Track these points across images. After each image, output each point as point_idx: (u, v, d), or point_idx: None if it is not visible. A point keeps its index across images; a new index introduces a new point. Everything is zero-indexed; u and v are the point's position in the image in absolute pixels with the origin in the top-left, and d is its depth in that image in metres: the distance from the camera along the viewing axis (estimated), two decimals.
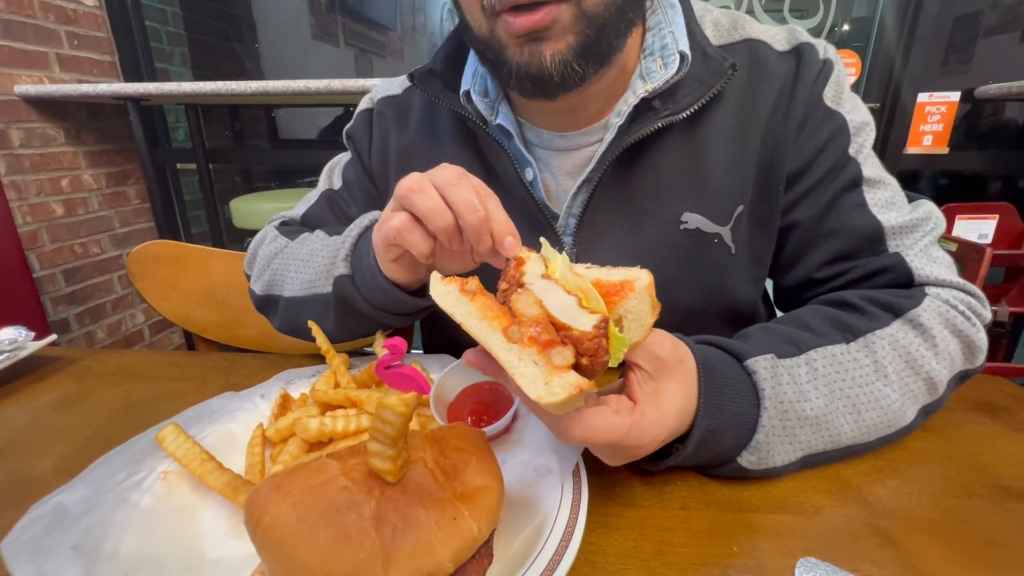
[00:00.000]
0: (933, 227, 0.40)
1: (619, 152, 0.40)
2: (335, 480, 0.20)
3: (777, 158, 0.41)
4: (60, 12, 1.60)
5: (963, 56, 3.76)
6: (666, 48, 0.39)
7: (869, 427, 0.33)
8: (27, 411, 0.41)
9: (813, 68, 0.40)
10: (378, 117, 0.51)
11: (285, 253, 0.46)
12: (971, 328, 0.36)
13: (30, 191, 1.55)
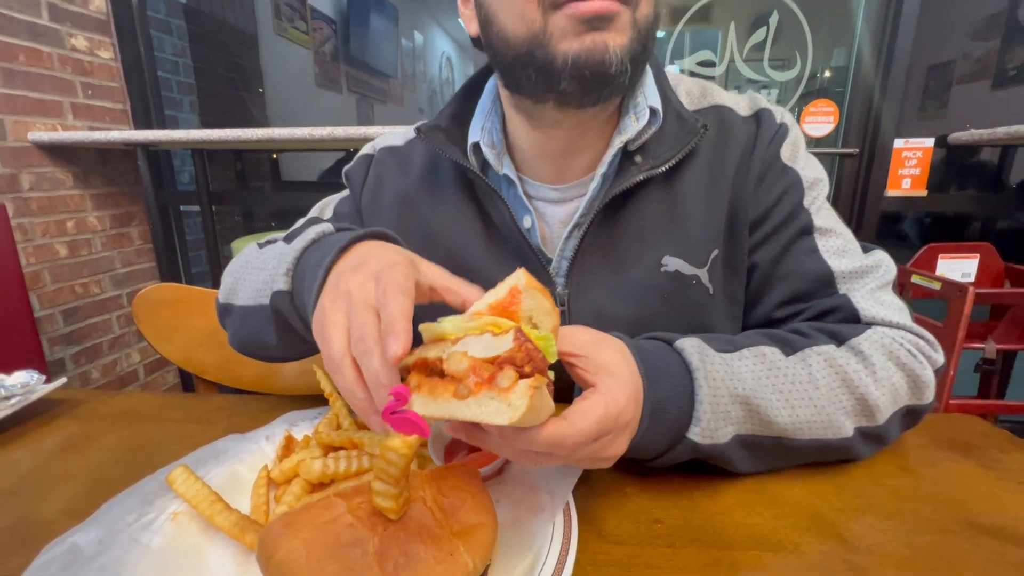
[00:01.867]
0: (883, 273, 0.44)
1: (606, 201, 0.44)
2: (342, 518, 0.22)
3: (741, 207, 0.46)
4: (77, 64, 1.69)
5: (939, 102, 3.93)
6: (638, 106, 0.45)
7: (802, 422, 0.37)
8: (35, 453, 0.42)
9: (771, 130, 0.46)
10: (377, 163, 0.55)
11: (250, 260, 0.47)
12: (916, 363, 0.39)
13: (36, 233, 1.58)
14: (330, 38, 3.29)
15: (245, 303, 0.43)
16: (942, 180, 2.64)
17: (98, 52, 1.75)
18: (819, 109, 1.73)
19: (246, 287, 0.44)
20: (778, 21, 1.72)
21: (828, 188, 0.47)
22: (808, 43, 1.73)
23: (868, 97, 1.68)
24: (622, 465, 0.39)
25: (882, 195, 1.70)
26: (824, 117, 1.73)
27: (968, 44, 3.42)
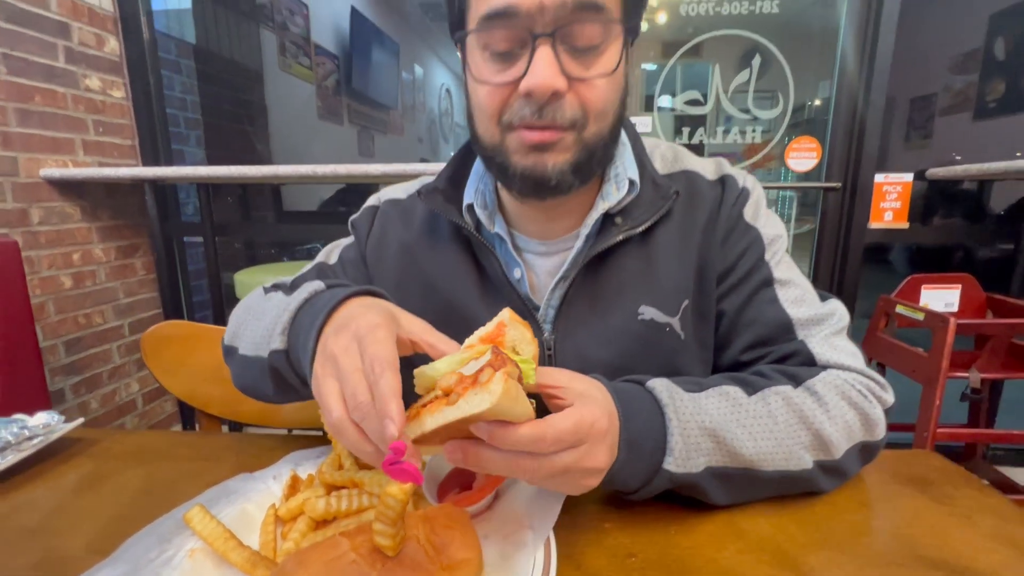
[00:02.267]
0: (837, 321, 0.49)
1: (589, 258, 0.49)
2: (346, 555, 0.25)
3: (709, 262, 0.51)
4: (90, 103, 1.75)
5: (924, 132, 4.05)
6: (619, 176, 0.50)
7: (765, 454, 0.40)
8: (55, 492, 0.45)
9: (734, 193, 0.52)
10: (381, 214, 0.60)
11: (254, 308, 0.50)
12: (866, 403, 0.44)
13: (43, 265, 1.62)
14: (332, 72, 3.40)
15: (246, 352, 0.47)
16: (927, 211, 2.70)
17: (110, 91, 1.83)
18: (802, 145, 1.81)
19: (247, 336, 0.47)
20: (760, 63, 1.81)
21: (787, 242, 0.53)
22: (790, 83, 1.81)
23: (848, 134, 1.76)
24: (601, 501, 0.42)
25: (865, 227, 1.76)
26: (807, 153, 1.80)
27: (949, 77, 3.54)
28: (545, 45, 0.40)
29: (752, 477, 0.41)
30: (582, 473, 0.33)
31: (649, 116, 1.88)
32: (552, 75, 0.40)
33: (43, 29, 1.59)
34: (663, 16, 1.88)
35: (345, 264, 0.59)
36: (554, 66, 0.41)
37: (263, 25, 2.71)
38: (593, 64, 0.42)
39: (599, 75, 0.42)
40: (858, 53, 1.70)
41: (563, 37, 0.41)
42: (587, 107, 0.43)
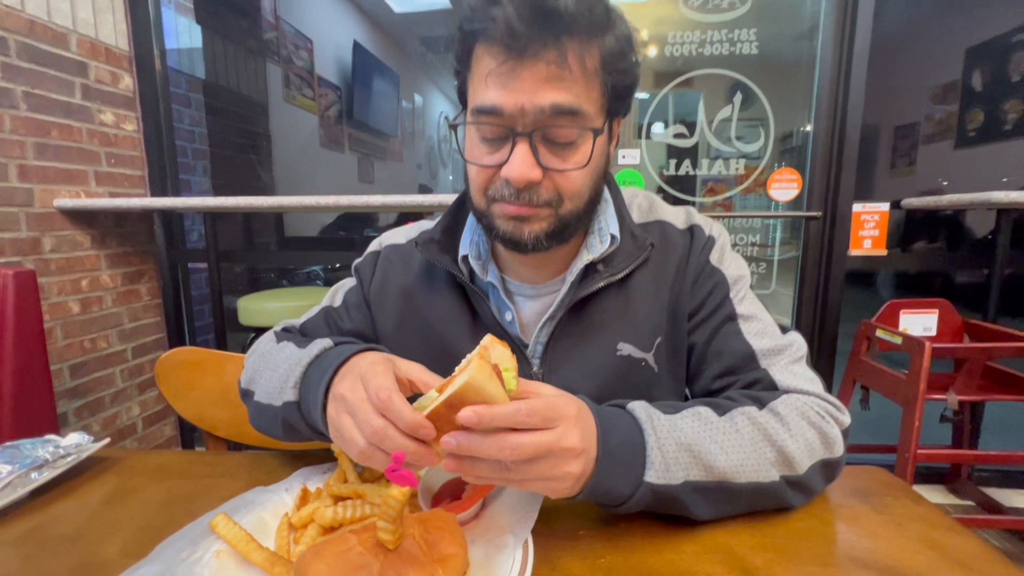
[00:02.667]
0: (796, 351, 0.54)
1: (574, 301, 0.55)
2: (354, 548, 0.30)
3: (680, 303, 0.57)
4: (103, 136, 1.84)
5: (908, 160, 4.18)
6: (602, 230, 0.57)
7: (736, 466, 0.44)
8: (87, 505, 0.50)
9: (701, 242, 0.59)
10: (383, 260, 0.65)
11: (267, 355, 0.55)
12: (823, 423, 0.48)
13: (52, 292, 1.68)
14: (335, 103, 3.52)
15: (260, 400, 0.52)
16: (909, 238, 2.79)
17: (123, 125, 1.91)
18: (783, 177, 1.90)
19: (262, 384, 0.53)
20: (742, 99, 1.91)
21: (750, 280, 0.59)
22: (770, 118, 1.91)
23: (827, 165, 1.85)
24: (577, 513, 0.47)
25: (846, 254, 1.83)
26: (789, 184, 1.89)
27: (931, 107, 3.68)
28: (524, 142, 0.47)
29: (727, 490, 0.44)
30: (560, 456, 0.37)
31: (637, 149, 1.98)
32: (527, 168, 0.47)
33: (62, 68, 1.68)
34: (650, 51, 1.99)
35: (349, 307, 0.65)
36: (529, 160, 0.47)
37: (269, 60, 2.83)
38: (568, 158, 0.48)
39: (572, 168, 0.49)
40: (833, 89, 1.80)
41: (541, 135, 0.47)
42: (561, 192, 0.50)
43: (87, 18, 1.76)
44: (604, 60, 0.48)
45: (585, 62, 0.46)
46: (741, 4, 1.86)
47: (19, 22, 1.54)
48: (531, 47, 0.44)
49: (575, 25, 0.45)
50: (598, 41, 0.47)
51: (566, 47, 0.45)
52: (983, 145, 3.21)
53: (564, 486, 0.39)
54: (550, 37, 0.44)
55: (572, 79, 0.46)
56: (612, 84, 0.49)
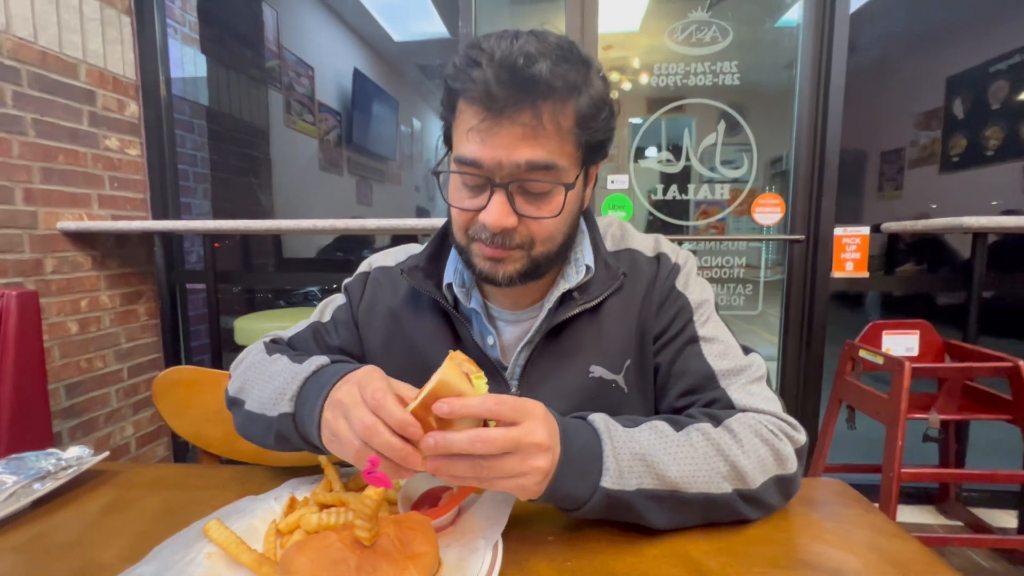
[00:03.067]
0: (755, 371, 0.57)
1: (551, 327, 0.59)
2: (334, 544, 0.34)
3: (648, 327, 0.61)
4: (108, 161, 1.90)
5: (895, 184, 4.28)
6: (579, 261, 0.61)
7: (688, 476, 0.47)
8: (87, 514, 0.53)
9: (667, 269, 0.62)
10: (372, 281, 0.68)
11: (259, 366, 0.58)
12: (777, 440, 0.51)
13: (52, 312, 1.71)
14: (335, 128, 3.61)
15: (251, 409, 0.55)
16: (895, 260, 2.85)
17: (127, 150, 1.97)
18: (767, 202, 1.96)
19: (254, 394, 0.55)
20: (725, 128, 1.99)
21: (713, 303, 0.63)
22: (753, 145, 1.99)
23: (808, 190, 1.91)
24: (546, 520, 0.51)
25: (829, 276, 1.88)
26: (772, 208, 1.96)
27: (915, 133, 3.79)
28: (500, 192, 0.50)
29: (679, 499, 0.47)
30: (527, 451, 0.40)
31: (626, 175, 2.04)
32: (502, 217, 0.50)
33: (71, 96, 1.75)
34: (628, 85, 2.07)
35: (337, 324, 0.68)
36: (505, 208, 0.50)
37: (271, 87, 2.92)
38: (542, 207, 0.52)
39: (546, 217, 0.52)
40: (812, 119, 1.88)
41: (517, 186, 0.51)
42: (534, 237, 0.53)
43: (97, 49, 1.83)
44: (578, 119, 0.51)
45: (559, 122, 0.50)
46: (723, 39, 1.95)
47: (32, 53, 1.61)
48: (508, 109, 0.48)
49: (550, 89, 0.48)
50: (573, 102, 0.50)
51: (541, 109, 0.48)
52: (966, 170, 3.31)
53: (532, 482, 0.41)
54: (526, 100, 0.47)
55: (547, 137, 0.49)
56: (586, 140, 0.53)
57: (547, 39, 0.50)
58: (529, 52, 0.47)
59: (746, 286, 2.07)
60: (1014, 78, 2.55)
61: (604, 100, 0.53)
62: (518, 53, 0.47)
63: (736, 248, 2.05)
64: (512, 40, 0.48)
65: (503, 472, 0.40)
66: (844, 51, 1.80)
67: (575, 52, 0.51)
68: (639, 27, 2.07)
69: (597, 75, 0.53)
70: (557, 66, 0.48)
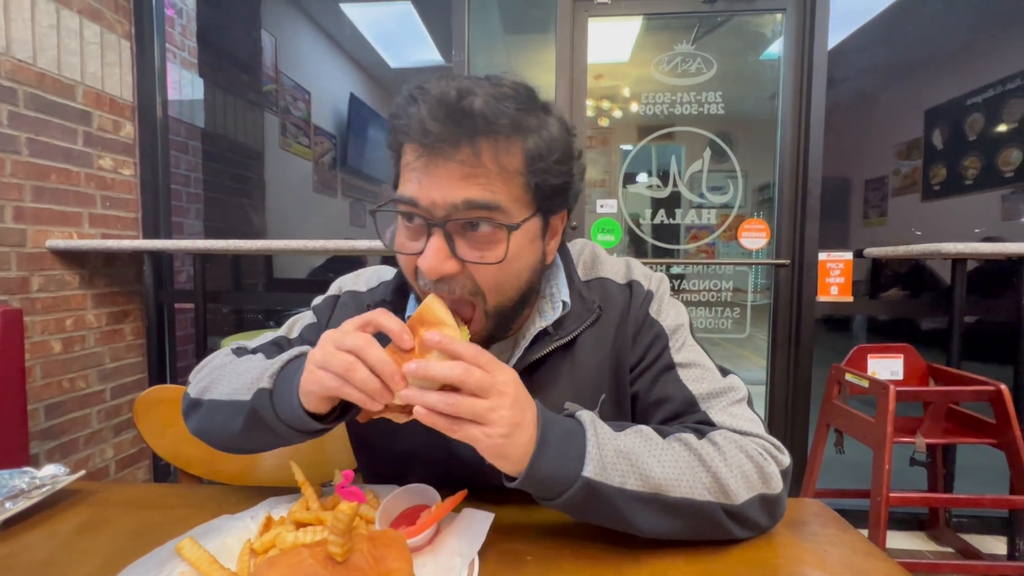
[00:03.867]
0: (734, 393, 0.57)
1: (525, 365, 0.58)
2: (305, 560, 0.34)
3: (623, 358, 0.60)
4: (100, 180, 1.90)
5: (880, 211, 4.38)
6: (554, 296, 0.59)
7: (671, 479, 0.46)
8: (60, 533, 0.52)
9: (640, 297, 0.61)
10: (341, 306, 0.67)
11: (227, 367, 0.57)
12: (760, 458, 0.51)
13: (36, 330, 1.69)
14: (330, 150, 3.66)
15: (217, 398, 0.54)
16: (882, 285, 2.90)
17: (121, 170, 1.99)
18: (752, 227, 2.00)
19: (223, 386, 0.54)
20: (711, 155, 2.04)
21: (688, 326, 0.62)
22: (738, 172, 2.04)
23: (792, 216, 1.95)
24: (526, 540, 0.50)
25: (814, 300, 1.91)
26: (758, 233, 1.99)
27: (897, 162, 3.89)
28: (438, 233, 0.47)
29: (663, 502, 0.46)
30: (497, 397, 0.42)
31: (615, 199, 2.08)
32: (438, 262, 0.47)
33: (67, 117, 1.77)
34: (619, 112, 2.13)
35: (305, 342, 0.65)
36: (442, 253, 0.47)
37: (268, 110, 2.97)
38: (485, 251, 0.49)
39: (490, 262, 0.48)
40: (794, 147, 1.94)
41: (459, 227, 0.48)
42: (480, 286, 0.50)
43: (95, 71, 1.86)
44: (527, 160, 0.48)
45: (502, 161, 0.47)
46: (707, 70, 2.02)
47: (29, 75, 1.63)
48: (444, 145, 0.46)
49: (489, 124, 0.46)
50: (519, 142, 0.48)
51: (480, 146, 0.46)
52: (946, 198, 3.40)
53: (498, 432, 0.42)
54: (463, 136, 0.46)
55: (487, 176, 0.47)
56: (537, 183, 0.49)
57: (499, 81, 0.48)
58: (466, 88, 0.46)
59: (734, 309, 2.09)
60: (989, 111, 2.66)
61: (558, 143, 0.50)
62: (455, 89, 0.46)
63: (724, 272, 2.08)
64: (455, 80, 0.47)
65: (471, 411, 0.42)
66: (823, 85, 1.87)
67: (528, 94, 0.49)
68: (628, 58, 2.15)
69: (556, 120, 0.51)
70: (499, 103, 0.46)
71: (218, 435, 0.56)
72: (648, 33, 2.09)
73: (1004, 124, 2.59)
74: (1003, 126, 2.60)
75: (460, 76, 0.48)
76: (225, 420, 0.53)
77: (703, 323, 2.09)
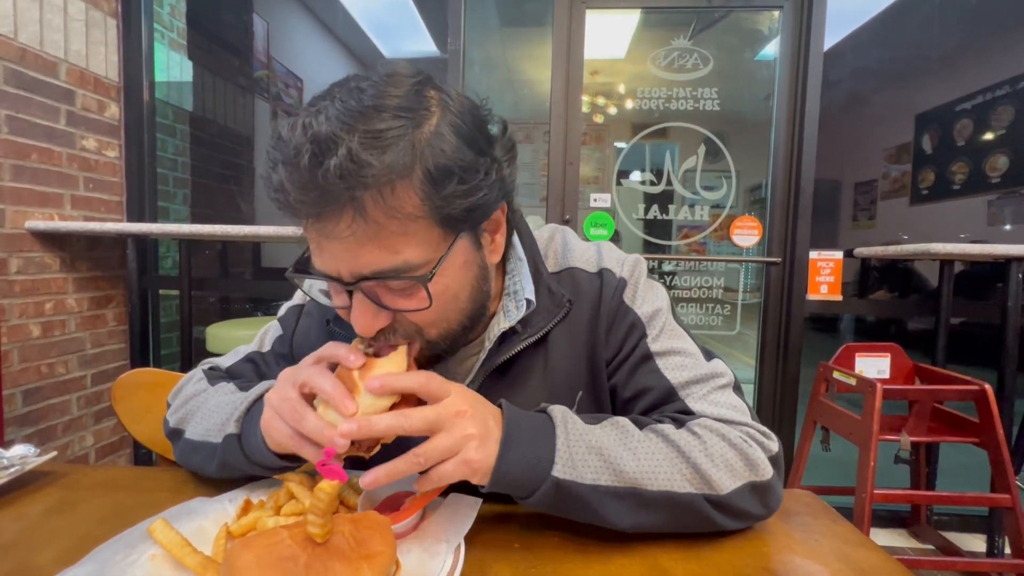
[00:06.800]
0: (717, 379, 0.54)
1: (494, 367, 0.55)
2: (283, 540, 0.32)
3: (599, 353, 0.57)
4: (84, 161, 1.85)
5: (869, 214, 4.41)
6: (518, 294, 0.55)
7: (647, 472, 0.45)
8: (27, 516, 0.50)
9: (612, 285, 0.57)
10: (306, 315, 0.64)
11: (200, 397, 0.57)
12: (744, 445, 0.48)
13: (13, 314, 1.64)
14: None
15: (193, 438, 0.54)
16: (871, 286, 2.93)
17: (105, 152, 1.94)
18: (745, 224, 2.00)
19: (196, 424, 0.55)
20: (705, 152, 2.04)
21: (667, 310, 0.59)
22: (732, 169, 2.04)
23: (784, 215, 1.96)
24: (514, 529, 0.49)
25: (804, 299, 1.92)
26: (750, 231, 2.00)
27: (887, 166, 3.93)
28: (358, 294, 0.43)
29: (640, 496, 0.44)
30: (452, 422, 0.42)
31: (608, 194, 2.07)
32: (367, 320, 0.44)
33: (49, 95, 1.72)
34: (613, 109, 2.12)
35: (276, 356, 0.65)
36: (368, 311, 0.44)
37: (259, 96, 2.91)
38: (410, 298, 0.45)
39: (417, 309, 0.45)
40: (788, 147, 1.94)
41: (373, 284, 0.43)
42: (419, 325, 0.47)
43: (79, 49, 1.81)
44: (422, 197, 0.41)
45: (393, 210, 0.40)
46: (704, 66, 2.01)
47: (10, 50, 1.58)
48: (322, 214, 0.39)
49: (361, 180, 0.38)
50: (405, 182, 0.40)
51: (364, 202, 0.39)
52: (934, 202, 3.43)
53: (474, 454, 0.42)
54: (338, 199, 0.38)
55: (384, 235, 0.41)
56: (446, 212, 0.43)
57: (363, 99, 0.40)
58: (325, 137, 0.37)
59: (724, 307, 2.10)
60: (978, 117, 2.69)
61: (455, 163, 0.42)
62: (309, 144, 0.37)
63: (715, 269, 2.08)
64: (312, 118, 0.39)
65: (440, 451, 0.41)
66: (818, 86, 1.87)
67: (403, 109, 0.40)
68: (624, 54, 2.13)
69: (445, 127, 0.42)
70: (365, 148, 0.37)
71: (200, 471, 0.56)
72: (645, 28, 2.08)
73: (992, 130, 2.62)
74: (991, 132, 2.63)
75: (328, 99, 0.40)
76: (202, 461, 0.54)
77: (692, 320, 2.09)
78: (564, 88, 1.97)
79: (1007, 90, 2.58)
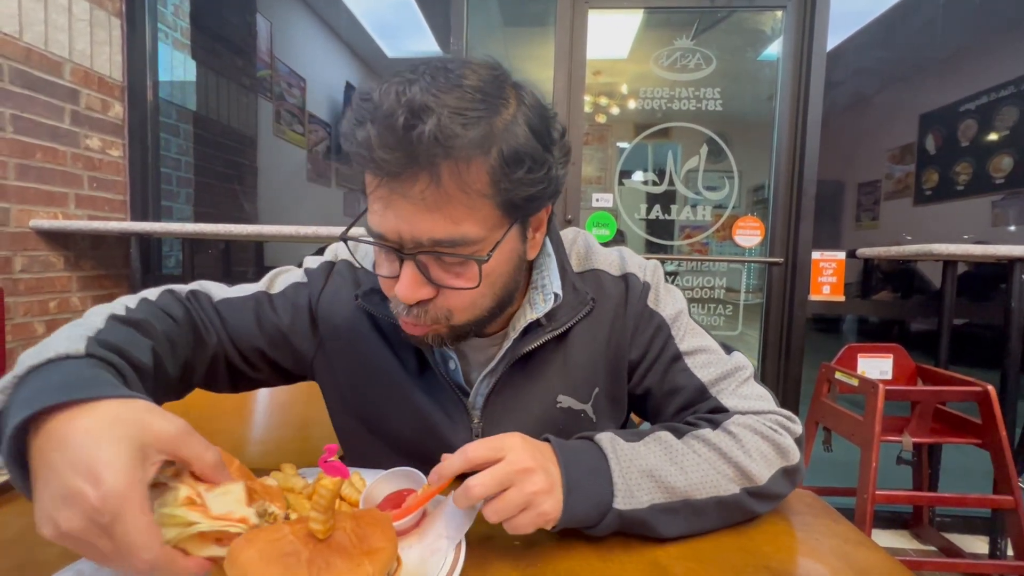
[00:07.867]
0: (741, 373, 0.58)
1: (516, 357, 0.56)
2: (285, 536, 0.32)
3: (621, 353, 0.59)
4: (88, 161, 1.86)
5: (872, 214, 4.40)
6: (546, 287, 0.56)
7: (696, 483, 0.47)
8: (31, 511, 0.50)
9: (637, 289, 0.60)
10: (337, 274, 0.62)
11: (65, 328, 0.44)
12: (775, 435, 0.52)
13: (18, 312, 1.65)
14: (324, 139, 3.62)
15: None
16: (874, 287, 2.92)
17: (109, 151, 1.95)
18: (747, 224, 2.00)
19: None
20: (708, 151, 2.04)
21: (686, 311, 0.61)
22: (734, 169, 2.04)
23: (786, 215, 1.96)
24: None
25: (806, 299, 1.92)
26: (752, 231, 2.00)
27: (890, 167, 3.92)
28: (410, 264, 0.45)
29: (691, 506, 0.47)
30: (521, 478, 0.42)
31: (611, 194, 2.07)
32: (412, 290, 0.45)
33: (54, 94, 1.73)
34: (616, 109, 2.12)
35: (288, 301, 0.60)
36: (415, 281, 0.45)
37: (262, 96, 2.92)
38: (459, 276, 0.46)
39: (464, 287, 0.46)
40: (790, 148, 1.94)
41: (428, 255, 0.45)
42: (451, 309, 0.48)
43: (84, 49, 1.82)
44: (493, 177, 0.43)
45: (466, 183, 0.42)
46: (706, 66, 2.01)
47: (15, 49, 1.59)
48: (402, 174, 0.41)
49: (448, 151, 0.40)
50: (480, 160, 0.43)
51: (441, 170, 0.41)
52: (938, 203, 3.42)
53: (547, 506, 0.42)
54: (417, 166, 0.41)
55: (451, 205, 0.43)
56: (508, 197, 0.45)
57: (460, 79, 0.42)
58: (419, 104, 0.40)
59: (727, 307, 2.10)
60: (982, 117, 2.67)
61: (526, 152, 0.44)
62: (406, 108, 0.40)
63: (718, 269, 2.08)
64: (405, 87, 0.41)
65: (512, 508, 0.41)
66: (821, 87, 1.87)
67: (494, 88, 0.43)
68: (627, 54, 2.14)
69: (526, 111, 0.45)
70: (453, 121, 0.40)
71: None
72: (648, 28, 2.08)
73: (996, 131, 2.61)
74: (995, 133, 2.62)
75: (417, 74, 0.42)
76: None
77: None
78: (566, 88, 1.97)
79: (1011, 91, 2.57)
